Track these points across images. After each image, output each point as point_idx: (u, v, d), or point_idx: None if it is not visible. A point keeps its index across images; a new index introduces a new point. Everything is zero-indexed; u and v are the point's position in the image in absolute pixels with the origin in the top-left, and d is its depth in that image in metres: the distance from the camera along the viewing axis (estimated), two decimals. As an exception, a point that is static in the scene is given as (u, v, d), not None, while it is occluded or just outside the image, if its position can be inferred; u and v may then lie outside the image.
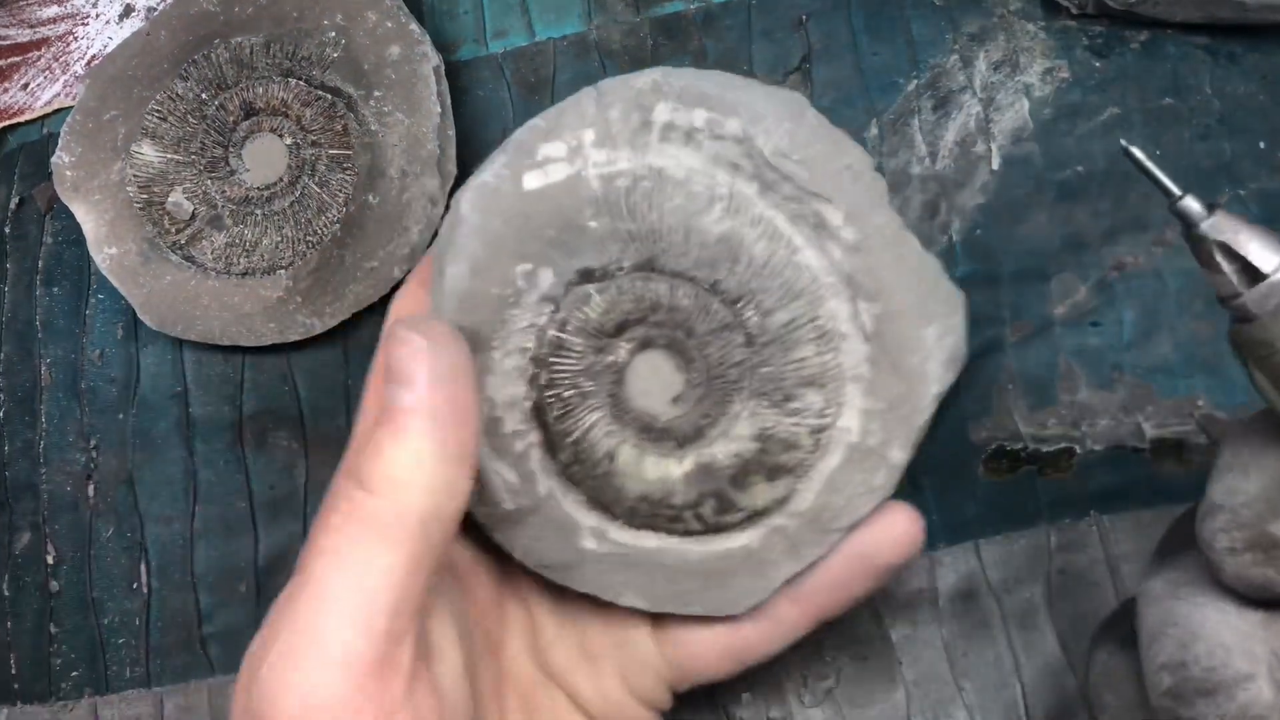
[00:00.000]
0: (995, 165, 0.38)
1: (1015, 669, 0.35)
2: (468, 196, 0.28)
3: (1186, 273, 0.37)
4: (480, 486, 0.28)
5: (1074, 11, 0.39)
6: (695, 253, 0.27)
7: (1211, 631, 0.23)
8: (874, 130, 0.39)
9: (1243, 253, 0.22)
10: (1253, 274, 0.22)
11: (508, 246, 0.28)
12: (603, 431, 0.29)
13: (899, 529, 0.29)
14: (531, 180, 0.27)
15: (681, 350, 0.28)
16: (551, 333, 0.28)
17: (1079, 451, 0.36)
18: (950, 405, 0.37)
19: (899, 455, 0.28)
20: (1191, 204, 0.23)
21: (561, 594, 0.32)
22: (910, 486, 0.36)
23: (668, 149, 0.27)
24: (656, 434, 0.29)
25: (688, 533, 0.29)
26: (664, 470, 0.29)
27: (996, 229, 0.38)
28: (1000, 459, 0.36)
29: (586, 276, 0.28)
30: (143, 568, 0.40)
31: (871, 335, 0.27)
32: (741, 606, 0.30)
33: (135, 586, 0.40)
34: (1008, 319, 0.37)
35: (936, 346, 0.28)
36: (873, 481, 0.29)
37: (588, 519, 0.29)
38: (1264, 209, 0.37)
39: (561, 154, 0.27)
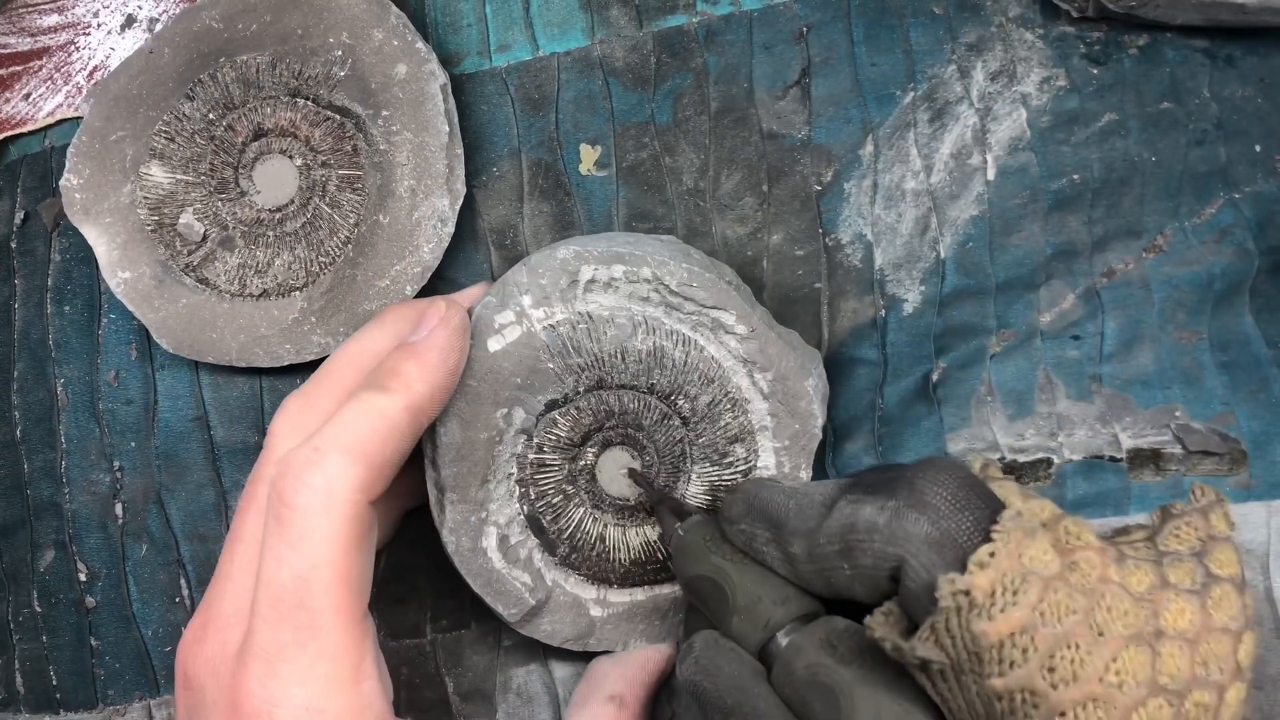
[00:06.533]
0: (991, 176, 0.39)
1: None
2: None
3: (1172, 282, 0.38)
4: (506, 594, 0.37)
5: (1074, 15, 0.39)
6: (632, 368, 0.36)
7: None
8: (869, 147, 0.39)
9: None
10: None
11: (486, 399, 0.36)
12: (590, 521, 0.37)
13: None
14: (494, 344, 0.35)
15: (635, 442, 0.37)
16: (531, 456, 0.37)
17: (1056, 461, 0.37)
18: (925, 418, 0.38)
19: (806, 474, 0.37)
20: None
21: None
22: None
23: (591, 297, 0.35)
24: (631, 511, 0.37)
25: (672, 579, 0.38)
26: (644, 537, 0.38)
27: (988, 241, 0.38)
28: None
29: (551, 406, 0.36)
30: (183, 582, 0.41)
31: (768, 395, 0.36)
32: None
33: (178, 600, 0.41)
34: (994, 329, 0.38)
35: (814, 392, 0.36)
36: None
37: (590, 592, 0.38)
38: (1257, 212, 0.38)
39: (511, 319, 0.35)
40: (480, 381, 0.35)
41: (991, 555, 0.25)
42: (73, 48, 0.45)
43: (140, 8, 0.44)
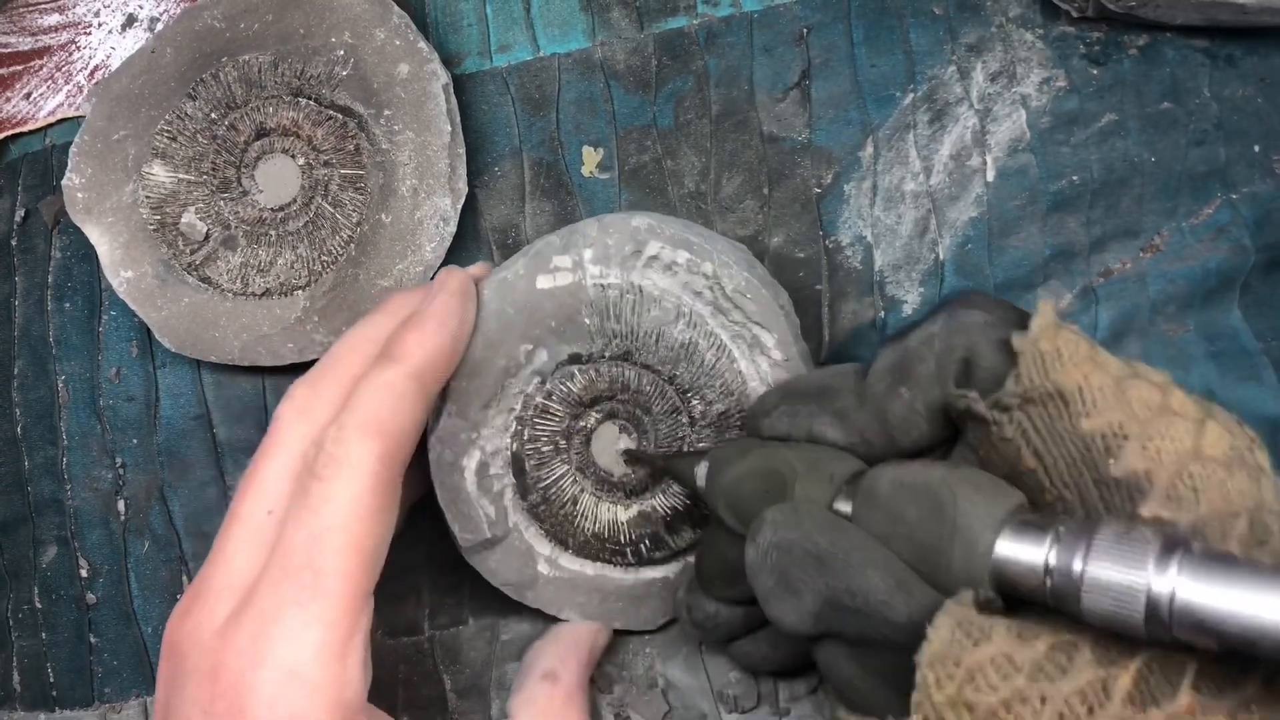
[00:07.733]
0: (990, 177, 0.39)
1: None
2: (491, 285, 0.35)
3: (1168, 276, 0.38)
4: (467, 518, 0.37)
5: (1074, 15, 0.39)
6: (662, 352, 0.36)
7: None
8: (869, 149, 0.39)
9: None
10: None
11: (516, 329, 0.35)
12: (569, 481, 0.37)
13: None
14: (543, 281, 0.35)
15: (638, 424, 0.37)
16: (539, 400, 0.36)
17: None
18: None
19: None
20: None
21: None
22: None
23: (649, 273, 0.35)
24: (611, 486, 0.37)
25: (624, 564, 0.38)
26: (614, 515, 0.37)
27: (987, 242, 0.39)
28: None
29: (575, 359, 0.36)
30: (185, 579, 0.41)
31: None
32: (654, 624, 0.38)
33: (179, 597, 0.41)
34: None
35: None
36: None
37: (544, 548, 0.38)
38: (1254, 211, 0.38)
39: (568, 265, 0.35)
40: (518, 311, 0.35)
41: (1043, 325, 0.27)
42: (73, 47, 0.45)
43: (141, 7, 0.45)
